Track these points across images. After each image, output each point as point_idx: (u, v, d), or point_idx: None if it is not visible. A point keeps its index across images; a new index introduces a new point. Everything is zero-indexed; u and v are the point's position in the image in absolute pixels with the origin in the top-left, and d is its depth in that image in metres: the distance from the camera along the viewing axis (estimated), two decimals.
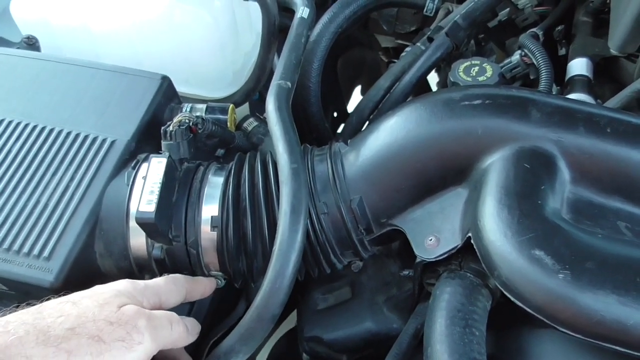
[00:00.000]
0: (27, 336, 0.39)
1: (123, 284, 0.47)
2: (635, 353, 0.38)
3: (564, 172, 0.47)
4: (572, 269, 0.40)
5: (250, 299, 0.72)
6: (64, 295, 0.45)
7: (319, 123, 0.80)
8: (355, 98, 1.34)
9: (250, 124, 0.83)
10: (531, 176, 0.46)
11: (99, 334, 0.41)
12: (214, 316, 0.68)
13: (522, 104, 0.50)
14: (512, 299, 0.43)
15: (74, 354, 0.40)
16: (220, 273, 0.58)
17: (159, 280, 0.50)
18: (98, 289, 0.46)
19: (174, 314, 0.48)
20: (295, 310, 0.76)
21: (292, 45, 0.63)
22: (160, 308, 0.48)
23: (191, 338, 0.51)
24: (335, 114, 1.19)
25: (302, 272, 0.59)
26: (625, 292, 0.38)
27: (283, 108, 0.56)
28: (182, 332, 0.48)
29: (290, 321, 0.82)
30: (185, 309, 0.65)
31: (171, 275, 0.53)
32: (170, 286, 0.50)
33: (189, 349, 0.54)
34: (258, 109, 0.89)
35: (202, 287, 0.55)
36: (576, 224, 0.45)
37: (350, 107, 1.28)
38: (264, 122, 0.85)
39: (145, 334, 0.43)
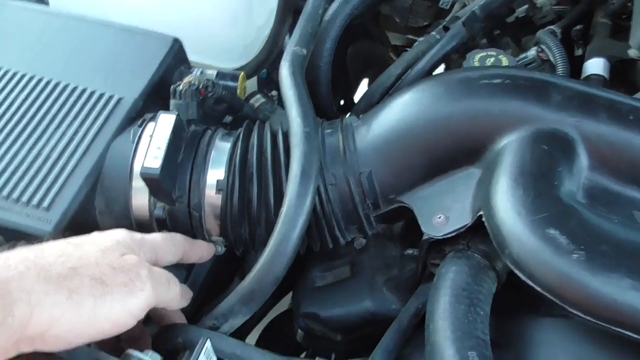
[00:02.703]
0: (27, 272, 0.38)
1: (121, 234, 0.46)
2: None
3: (582, 158, 0.46)
4: (587, 250, 0.39)
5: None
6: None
7: (327, 105, 0.79)
8: (362, 91, 1.34)
9: (257, 100, 0.82)
10: (548, 158, 0.45)
11: (101, 277, 0.40)
12: (209, 291, 0.67)
13: (542, 86, 0.49)
14: (522, 277, 0.42)
15: (77, 292, 0.39)
16: (221, 239, 0.57)
17: (156, 236, 0.49)
18: (97, 236, 0.45)
19: (170, 273, 0.48)
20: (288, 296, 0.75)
21: (309, 16, 0.62)
22: (155, 264, 0.47)
23: (183, 302, 0.50)
24: (342, 102, 1.18)
25: (304, 245, 0.57)
26: None
27: (297, 74, 0.55)
28: (177, 293, 0.48)
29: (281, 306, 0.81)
30: (181, 277, 0.64)
31: (170, 232, 0.52)
32: (168, 243, 0.50)
33: None
34: (265, 88, 0.88)
35: (200, 250, 0.54)
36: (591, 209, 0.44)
37: (357, 99, 1.27)
38: (271, 99, 0.84)
39: (147, 282, 0.43)
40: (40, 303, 0.37)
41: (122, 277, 0.41)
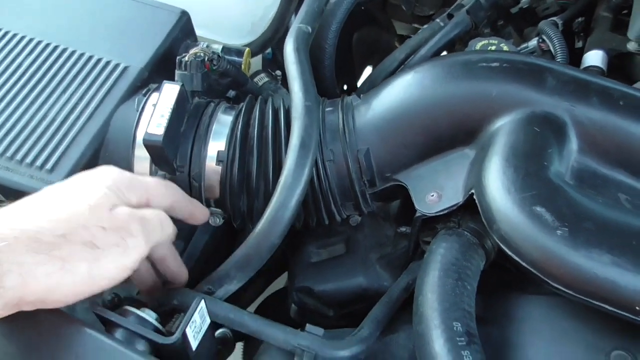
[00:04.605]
0: (16, 243, 0.37)
1: (111, 177, 0.45)
2: (623, 312, 0.39)
3: (572, 141, 0.48)
4: (570, 227, 0.40)
5: None
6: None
7: (329, 87, 0.80)
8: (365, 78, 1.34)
9: (261, 79, 0.82)
10: (540, 139, 0.46)
11: (92, 240, 0.40)
12: (206, 265, 0.68)
13: (539, 70, 0.50)
14: (509, 253, 0.43)
15: (69, 261, 0.38)
16: (219, 210, 0.58)
17: (148, 178, 0.49)
18: (85, 184, 0.43)
19: (162, 213, 0.47)
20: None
21: None
22: (145, 202, 0.46)
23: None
24: (345, 87, 1.19)
25: (301, 219, 0.59)
26: (621, 253, 0.39)
27: (301, 50, 0.56)
28: (172, 232, 0.48)
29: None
30: (179, 248, 0.65)
31: (165, 180, 0.51)
32: (159, 186, 0.48)
33: None
34: (269, 67, 0.89)
35: (192, 206, 0.53)
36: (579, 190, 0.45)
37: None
38: (274, 78, 0.85)
39: (139, 236, 0.42)
40: (33, 274, 0.37)
41: (113, 237, 0.41)
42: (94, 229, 0.40)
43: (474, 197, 0.47)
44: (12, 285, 0.36)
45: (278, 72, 0.88)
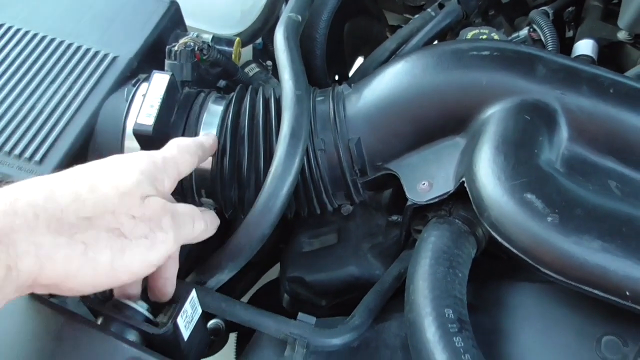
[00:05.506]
0: (36, 221, 0.34)
1: (144, 164, 0.41)
2: (613, 298, 0.39)
3: (563, 129, 0.48)
4: (561, 214, 0.41)
5: None
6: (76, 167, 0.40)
7: (321, 77, 0.80)
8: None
9: (252, 69, 0.82)
10: (530, 127, 0.46)
11: (119, 228, 0.37)
12: (198, 256, 0.68)
13: (529, 59, 0.50)
14: (499, 240, 0.43)
15: (92, 247, 0.36)
16: (210, 201, 0.58)
17: (173, 152, 0.46)
18: (116, 171, 0.40)
19: (195, 209, 0.45)
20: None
21: None
22: (178, 178, 0.45)
23: (209, 232, 0.47)
24: (336, 77, 1.19)
25: (292, 209, 0.59)
26: (611, 239, 0.39)
27: (291, 38, 0.56)
28: (202, 229, 0.45)
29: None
30: None
31: (179, 141, 0.48)
32: (185, 156, 0.46)
33: None
34: (260, 57, 0.89)
35: (205, 139, 0.52)
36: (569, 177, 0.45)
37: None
38: (265, 69, 0.85)
39: (169, 232, 0.39)
40: (52, 257, 0.34)
41: (142, 228, 0.38)
42: (123, 217, 0.37)
43: (465, 185, 0.47)
44: (28, 268, 0.33)
45: (269, 63, 0.88)
